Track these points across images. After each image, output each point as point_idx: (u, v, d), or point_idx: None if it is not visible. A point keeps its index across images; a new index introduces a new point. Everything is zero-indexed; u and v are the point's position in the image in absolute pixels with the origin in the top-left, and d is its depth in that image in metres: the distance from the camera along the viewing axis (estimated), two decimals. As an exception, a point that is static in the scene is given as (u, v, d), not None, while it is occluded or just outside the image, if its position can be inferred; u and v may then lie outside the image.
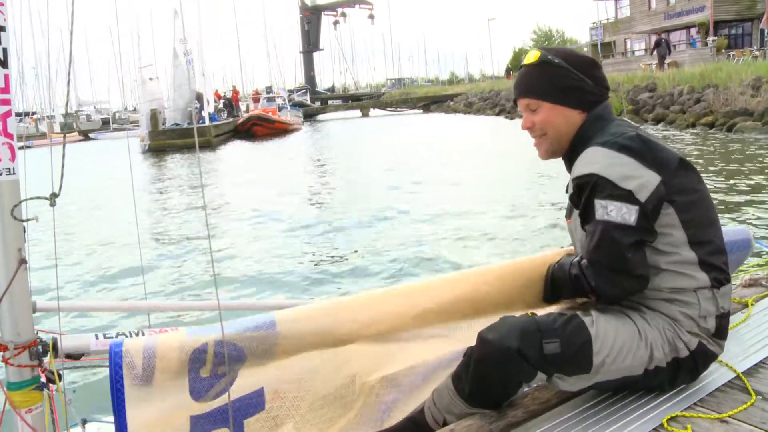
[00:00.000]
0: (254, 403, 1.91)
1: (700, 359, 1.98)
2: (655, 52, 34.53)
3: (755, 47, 32.10)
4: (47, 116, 49.26)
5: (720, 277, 1.96)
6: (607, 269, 1.90)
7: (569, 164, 2.11)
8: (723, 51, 33.01)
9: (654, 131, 21.79)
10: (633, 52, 47.04)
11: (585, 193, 1.93)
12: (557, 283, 2.16)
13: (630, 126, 2.05)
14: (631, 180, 1.86)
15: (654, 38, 38.74)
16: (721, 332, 1.98)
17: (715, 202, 2.11)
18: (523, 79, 2.14)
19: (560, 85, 2.07)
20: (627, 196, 1.86)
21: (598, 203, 1.89)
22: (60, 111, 46.25)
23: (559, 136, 2.10)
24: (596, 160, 1.92)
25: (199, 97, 32.54)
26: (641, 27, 45.58)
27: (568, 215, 2.17)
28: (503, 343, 1.85)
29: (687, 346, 1.94)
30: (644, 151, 1.90)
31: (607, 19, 53.82)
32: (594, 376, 1.91)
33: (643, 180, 1.87)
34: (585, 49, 46.60)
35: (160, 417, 1.75)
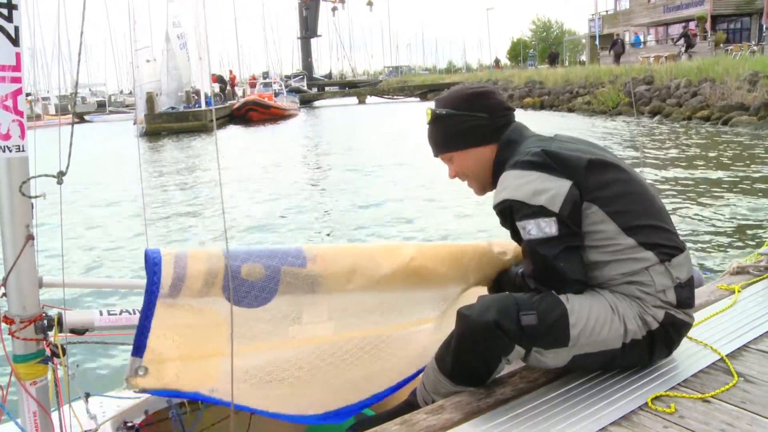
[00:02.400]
0: (294, 255, 1.96)
1: (672, 329, 2.03)
2: (612, 52, 36.39)
3: (753, 42, 32.10)
4: (42, 98, 48.96)
5: (667, 250, 2.01)
6: (547, 283, 1.99)
7: None
8: (721, 45, 33.01)
9: (649, 123, 21.85)
10: (631, 44, 46.97)
11: (507, 219, 2.06)
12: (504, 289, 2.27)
13: (542, 140, 2.12)
14: (541, 194, 1.95)
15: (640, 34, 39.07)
16: (683, 303, 2.03)
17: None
18: (429, 138, 2.29)
19: (456, 132, 2.19)
20: (541, 211, 1.94)
21: (519, 225, 2.01)
22: (55, 93, 46.03)
23: (479, 174, 2.24)
24: (506, 184, 2.03)
25: (197, 92, 32.49)
26: (640, 19, 45.50)
27: None
28: (481, 317, 1.92)
29: (655, 319, 1.99)
30: (549, 163, 1.99)
31: (606, 11, 53.70)
32: (572, 349, 1.96)
33: (553, 191, 1.95)
34: (584, 41, 46.47)
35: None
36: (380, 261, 2.11)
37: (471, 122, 2.17)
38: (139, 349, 1.75)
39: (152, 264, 1.74)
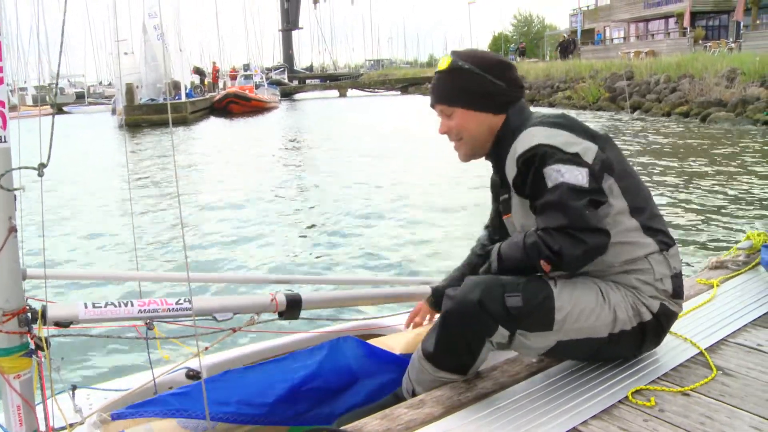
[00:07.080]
0: None
1: (664, 319, 2.05)
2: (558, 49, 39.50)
3: (731, 39, 32.47)
4: (19, 88, 48.17)
5: (665, 239, 2.04)
6: (570, 229, 1.86)
7: (496, 160, 2.18)
8: (700, 42, 33.37)
9: (629, 119, 22.01)
10: (612, 39, 47.30)
11: (534, 165, 1.94)
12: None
13: (551, 115, 2.13)
14: (574, 145, 1.95)
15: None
16: (677, 292, 2.07)
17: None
18: (435, 85, 2.20)
19: (471, 90, 2.12)
20: (575, 159, 1.92)
21: (550, 169, 1.90)
22: (33, 83, 45.33)
23: (475, 139, 2.17)
24: (536, 134, 1.98)
25: (176, 86, 32.16)
26: (621, 15, 45.84)
27: (506, 210, 2.21)
28: (465, 297, 1.93)
29: (650, 310, 2.01)
30: (576, 125, 2.03)
31: (588, 6, 53.98)
32: (557, 333, 1.95)
33: (585, 145, 1.96)
34: (565, 36, 46.70)
35: None
36: None
37: (489, 87, 2.10)
38: None
39: None
